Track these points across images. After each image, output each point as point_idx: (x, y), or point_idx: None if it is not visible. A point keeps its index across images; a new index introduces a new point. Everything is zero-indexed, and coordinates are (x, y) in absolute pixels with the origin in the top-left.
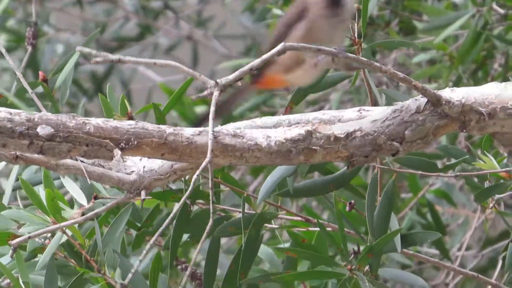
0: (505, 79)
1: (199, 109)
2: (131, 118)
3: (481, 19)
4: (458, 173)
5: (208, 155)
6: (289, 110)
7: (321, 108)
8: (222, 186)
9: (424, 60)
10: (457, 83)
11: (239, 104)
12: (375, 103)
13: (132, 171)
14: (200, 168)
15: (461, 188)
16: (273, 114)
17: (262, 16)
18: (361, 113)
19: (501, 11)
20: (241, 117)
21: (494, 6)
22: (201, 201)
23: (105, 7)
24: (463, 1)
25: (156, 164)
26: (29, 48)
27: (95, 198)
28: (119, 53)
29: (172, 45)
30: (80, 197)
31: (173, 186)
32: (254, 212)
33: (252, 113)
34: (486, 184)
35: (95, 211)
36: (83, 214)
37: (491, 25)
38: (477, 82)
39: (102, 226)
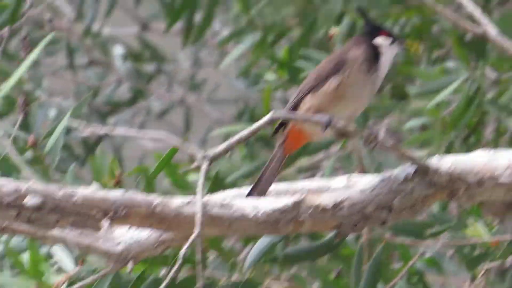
0: (497, 146)
1: (192, 178)
2: (119, 181)
3: (474, 84)
4: (448, 241)
5: (197, 228)
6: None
7: (312, 175)
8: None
9: (416, 126)
10: (449, 149)
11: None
12: (365, 171)
13: (120, 242)
14: (189, 242)
15: (452, 256)
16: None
17: (256, 80)
18: (349, 181)
19: (493, 75)
20: (233, 185)
21: (487, 71)
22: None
23: (97, 71)
24: (456, 66)
25: (143, 234)
26: (21, 115)
27: (82, 262)
28: (112, 117)
29: (165, 109)
30: (67, 263)
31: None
32: (241, 278)
33: (246, 180)
34: (476, 252)
35: (80, 283)
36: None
37: (484, 90)
38: (469, 148)
39: None
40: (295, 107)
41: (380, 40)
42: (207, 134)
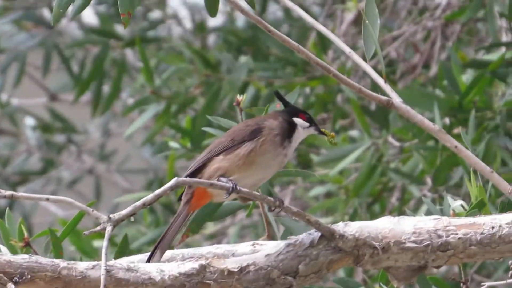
0: (402, 213)
1: (97, 243)
2: (27, 244)
3: (376, 152)
4: None
5: None
6: (185, 238)
7: (219, 242)
8: None
9: (321, 193)
10: (353, 217)
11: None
12: (272, 237)
13: None
14: None
15: None
16: (171, 248)
17: (161, 148)
18: (255, 247)
19: (397, 143)
20: (139, 251)
21: (390, 139)
22: None
23: (7, 141)
24: (359, 135)
25: None
26: None
27: None
28: (22, 187)
29: (75, 179)
30: None
31: None
32: None
33: (150, 247)
34: None
35: None
36: None
37: (387, 158)
38: (373, 216)
39: None
40: (202, 166)
41: (297, 120)
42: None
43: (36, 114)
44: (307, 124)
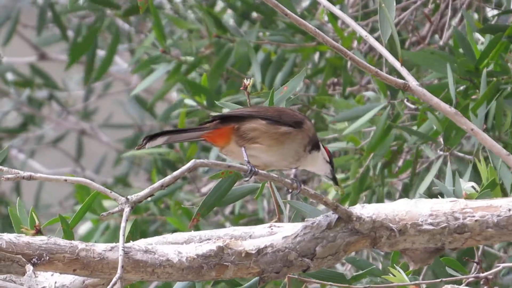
0: (413, 174)
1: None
2: (39, 231)
3: (392, 112)
4: (368, 286)
5: (118, 271)
6: (195, 221)
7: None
8: None
9: (336, 149)
10: (365, 176)
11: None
12: (282, 221)
13: (44, 287)
14: (111, 284)
15: None
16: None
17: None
18: (272, 229)
19: (412, 106)
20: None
21: (406, 102)
22: None
23: None
24: (375, 96)
25: (67, 279)
26: None
27: None
28: (5, 143)
29: (58, 137)
30: None
31: None
32: None
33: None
34: None
35: None
36: None
37: (402, 119)
38: (383, 178)
39: None
40: (241, 118)
41: (322, 150)
42: (102, 159)
43: (22, 73)
44: (327, 159)
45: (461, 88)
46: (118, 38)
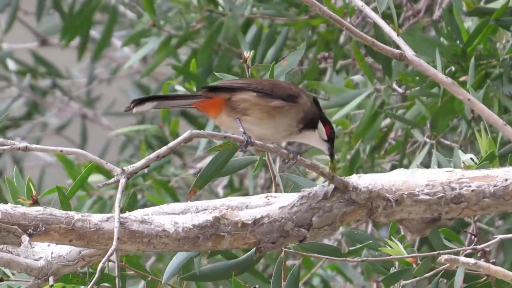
0: (403, 155)
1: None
2: (35, 201)
3: (379, 98)
4: (365, 259)
5: (114, 242)
6: (192, 193)
7: None
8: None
9: None
10: (355, 158)
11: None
12: (278, 189)
13: (40, 257)
14: (107, 256)
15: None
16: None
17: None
18: (268, 199)
19: (400, 90)
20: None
21: (394, 85)
22: (106, 284)
23: None
24: (363, 79)
25: (64, 250)
26: None
27: (1, 280)
28: (11, 132)
29: (62, 124)
30: None
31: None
32: None
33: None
34: (392, 269)
35: None
36: None
37: (390, 104)
38: (373, 160)
39: None
40: (231, 89)
41: (320, 127)
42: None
43: (23, 60)
44: (325, 137)
45: (449, 70)
46: (115, 16)
